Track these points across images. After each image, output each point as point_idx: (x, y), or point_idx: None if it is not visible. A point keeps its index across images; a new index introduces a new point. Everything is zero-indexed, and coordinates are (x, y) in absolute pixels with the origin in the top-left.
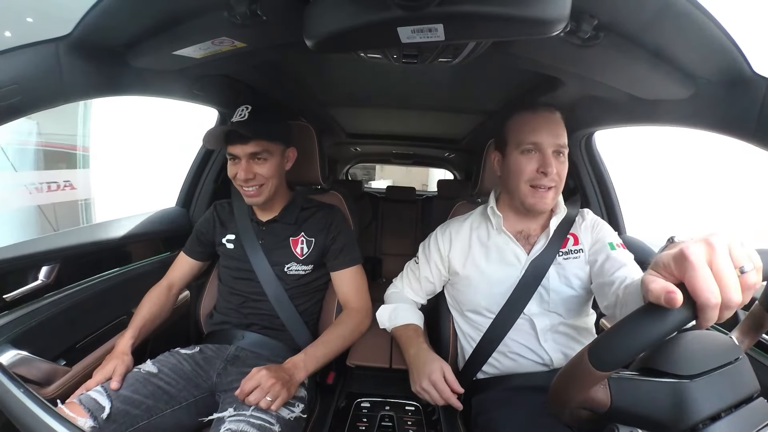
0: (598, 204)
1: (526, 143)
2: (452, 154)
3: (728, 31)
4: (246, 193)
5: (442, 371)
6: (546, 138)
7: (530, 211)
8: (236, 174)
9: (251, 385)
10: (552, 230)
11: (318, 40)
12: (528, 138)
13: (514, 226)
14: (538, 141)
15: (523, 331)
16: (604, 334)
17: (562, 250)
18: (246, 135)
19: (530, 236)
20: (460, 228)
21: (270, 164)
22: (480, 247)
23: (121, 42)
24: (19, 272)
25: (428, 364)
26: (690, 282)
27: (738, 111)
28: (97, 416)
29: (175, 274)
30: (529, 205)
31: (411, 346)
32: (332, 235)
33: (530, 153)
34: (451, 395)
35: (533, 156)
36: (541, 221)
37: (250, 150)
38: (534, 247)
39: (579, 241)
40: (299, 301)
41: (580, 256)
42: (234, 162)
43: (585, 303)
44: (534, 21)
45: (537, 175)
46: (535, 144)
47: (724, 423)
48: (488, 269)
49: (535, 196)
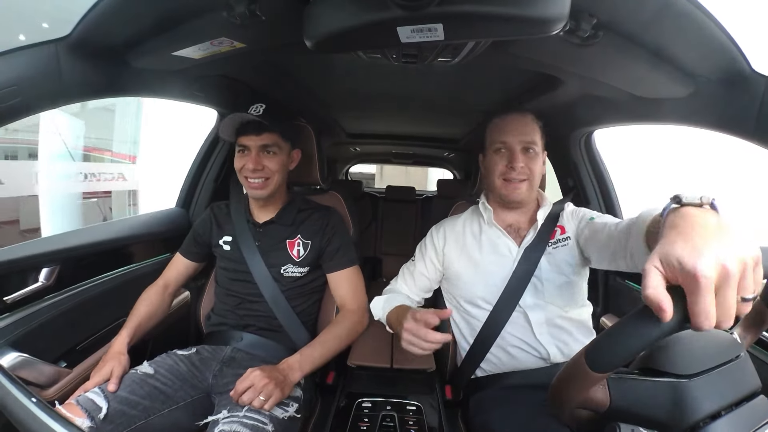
0: (598, 203)
1: (496, 143)
2: (452, 153)
3: (728, 30)
4: (251, 185)
5: (412, 317)
6: (513, 137)
7: (507, 202)
8: (244, 165)
9: (245, 386)
10: (540, 222)
11: (318, 40)
12: (498, 138)
13: (504, 220)
14: (506, 140)
15: (518, 325)
16: (601, 337)
17: (552, 241)
18: (264, 123)
19: (520, 229)
20: (454, 225)
21: (278, 159)
22: (473, 240)
23: (121, 42)
24: (19, 274)
25: (407, 313)
26: (691, 303)
27: (737, 109)
28: (95, 417)
29: (171, 274)
30: (504, 196)
31: (399, 315)
32: (327, 236)
33: (500, 152)
34: (433, 334)
35: (504, 154)
36: (528, 215)
37: (262, 142)
38: (524, 239)
39: (565, 230)
40: (296, 302)
41: (568, 243)
42: (243, 154)
43: (579, 291)
44: (533, 20)
45: (507, 169)
46: (504, 143)
47: (724, 421)
48: (482, 261)
49: (508, 188)
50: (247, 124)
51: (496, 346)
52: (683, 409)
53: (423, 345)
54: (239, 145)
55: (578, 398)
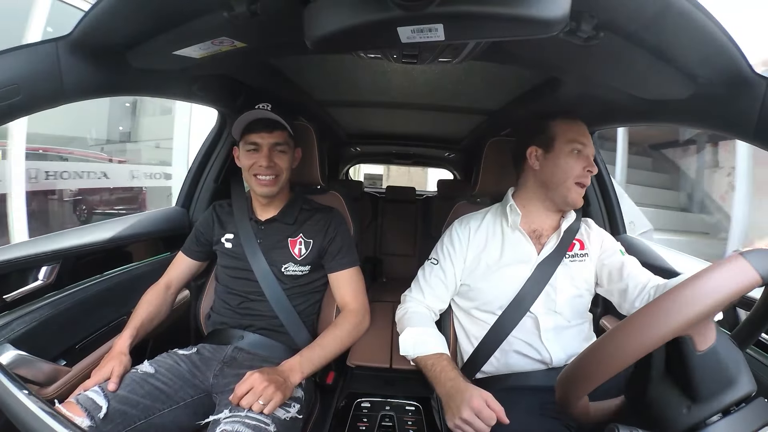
0: (598, 204)
1: (575, 143)
2: (452, 154)
3: (728, 31)
4: (261, 182)
5: (482, 398)
6: (589, 143)
7: (567, 207)
8: (254, 162)
9: (244, 389)
10: (563, 231)
11: (318, 40)
12: (580, 139)
13: (529, 225)
14: (586, 143)
15: (526, 329)
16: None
17: (569, 253)
18: (278, 121)
19: (542, 236)
20: (478, 224)
21: (287, 157)
22: (495, 243)
23: (121, 42)
24: (19, 272)
25: (467, 392)
26: None
27: (738, 110)
28: (94, 416)
29: (173, 274)
30: (572, 201)
31: (449, 379)
32: (330, 236)
33: (578, 153)
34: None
35: (581, 157)
36: (552, 222)
37: (274, 140)
38: (545, 247)
39: (585, 247)
40: (297, 302)
41: (586, 260)
42: (252, 152)
43: (586, 306)
44: (534, 21)
45: (584, 173)
46: (584, 145)
47: (723, 423)
48: (501, 268)
49: (579, 193)
50: (258, 122)
51: (500, 349)
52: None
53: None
54: (249, 143)
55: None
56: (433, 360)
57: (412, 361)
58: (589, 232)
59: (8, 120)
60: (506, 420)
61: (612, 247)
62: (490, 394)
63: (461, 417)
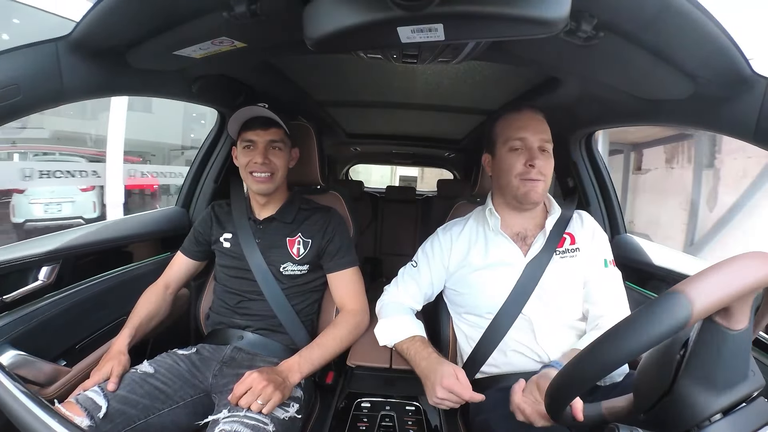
0: (598, 204)
1: (513, 140)
2: (452, 154)
3: (728, 32)
4: (257, 179)
5: (454, 374)
6: (532, 134)
7: (524, 203)
8: (250, 160)
9: (243, 389)
10: (548, 230)
11: (318, 40)
12: (514, 135)
13: (511, 228)
14: (525, 137)
15: (521, 330)
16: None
17: (559, 249)
18: (273, 119)
19: (527, 237)
20: (461, 229)
21: (283, 155)
22: (478, 249)
23: (121, 42)
24: (19, 272)
25: (439, 371)
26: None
27: (738, 111)
28: (94, 415)
29: (172, 274)
30: (522, 195)
31: (422, 359)
32: (328, 237)
33: (517, 150)
34: (470, 392)
35: (521, 152)
36: (537, 221)
37: (270, 137)
38: (531, 248)
39: (576, 241)
40: (296, 301)
41: (577, 255)
42: (248, 149)
43: (581, 302)
44: (534, 21)
45: (526, 168)
46: (523, 140)
47: (723, 423)
48: (487, 272)
49: (527, 186)
50: (254, 120)
51: (498, 350)
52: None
53: (456, 401)
54: (245, 141)
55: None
56: (407, 344)
57: (393, 347)
58: (582, 224)
59: (8, 120)
60: (474, 397)
61: (599, 252)
62: (461, 371)
63: (437, 396)
